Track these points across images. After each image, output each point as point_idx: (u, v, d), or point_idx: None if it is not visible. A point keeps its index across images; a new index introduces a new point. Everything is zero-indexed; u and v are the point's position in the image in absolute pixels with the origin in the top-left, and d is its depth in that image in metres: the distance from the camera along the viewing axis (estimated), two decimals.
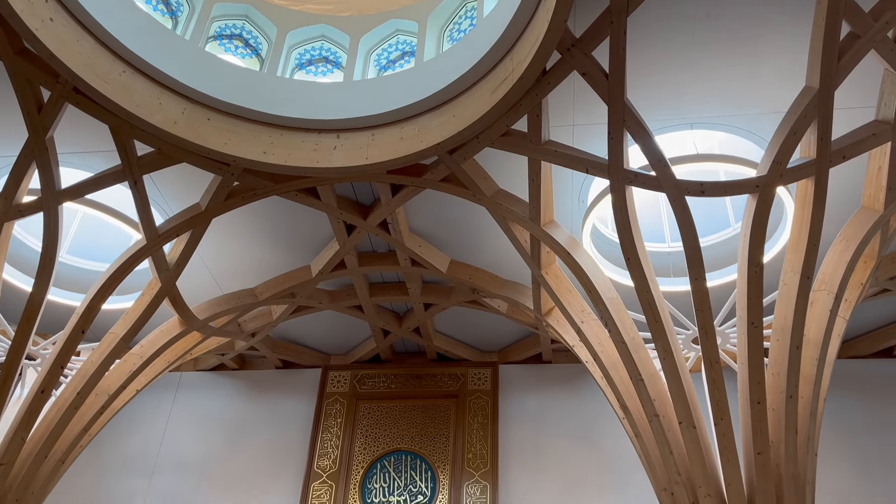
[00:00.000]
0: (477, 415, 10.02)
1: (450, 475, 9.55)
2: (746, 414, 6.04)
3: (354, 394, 10.39)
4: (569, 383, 10.27)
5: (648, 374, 6.55)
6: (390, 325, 9.82)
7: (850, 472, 9.06)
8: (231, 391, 10.74)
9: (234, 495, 9.76)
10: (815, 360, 6.25)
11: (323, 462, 9.78)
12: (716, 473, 6.08)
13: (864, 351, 9.77)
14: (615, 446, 9.52)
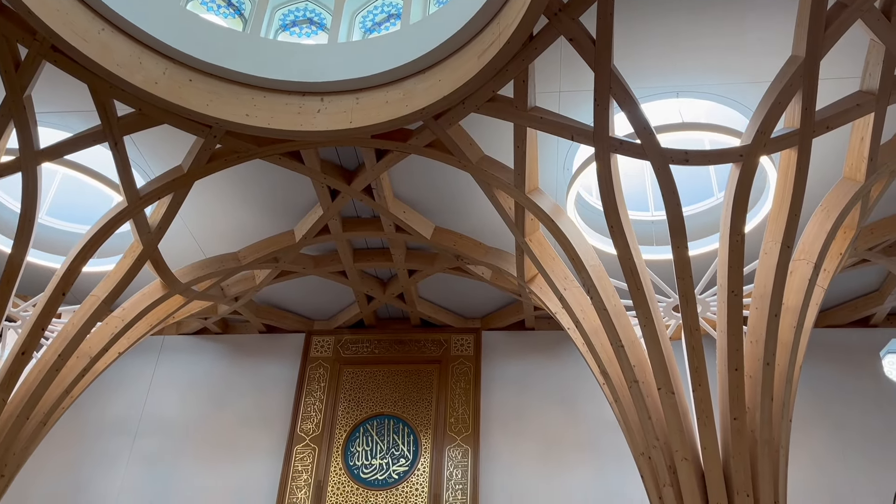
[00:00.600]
0: (459, 380, 10.12)
1: (432, 439, 9.66)
2: (724, 380, 6.13)
3: (338, 359, 10.44)
4: (550, 350, 10.37)
5: (629, 341, 6.62)
6: (374, 290, 9.84)
7: (822, 436, 9.28)
8: (214, 355, 10.75)
9: (218, 458, 9.83)
10: (793, 328, 6.35)
11: (306, 426, 9.86)
12: (692, 438, 6.19)
13: (842, 320, 9.94)
14: (595, 411, 9.67)
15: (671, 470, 6.15)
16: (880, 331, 9.98)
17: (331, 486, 9.41)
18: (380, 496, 9.31)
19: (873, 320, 9.96)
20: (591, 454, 9.43)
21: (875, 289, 9.65)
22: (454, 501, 9.15)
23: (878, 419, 9.37)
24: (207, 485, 9.62)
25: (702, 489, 5.96)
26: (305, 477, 9.46)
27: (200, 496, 9.54)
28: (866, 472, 9.01)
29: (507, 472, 9.44)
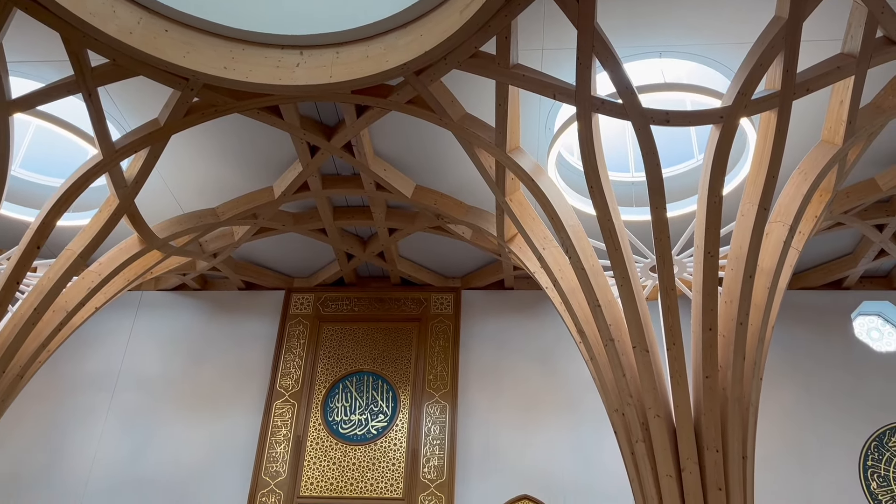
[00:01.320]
0: (439, 338, 10.20)
1: (410, 395, 9.77)
2: (698, 340, 6.24)
3: (318, 316, 10.46)
4: (529, 309, 10.47)
5: (606, 301, 6.69)
6: (354, 249, 9.83)
7: (792, 395, 9.51)
8: (193, 311, 10.73)
9: (198, 413, 9.89)
10: (767, 289, 6.45)
11: (285, 382, 9.92)
12: (665, 396, 6.31)
13: (815, 282, 10.10)
14: (571, 370, 9.82)
15: (644, 426, 6.28)
16: (852, 293, 10.17)
17: (310, 441, 9.51)
18: (359, 451, 9.43)
19: (846, 283, 10.13)
20: (567, 411, 9.60)
21: (848, 252, 9.80)
22: (432, 456, 9.30)
23: (846, 379, 9.60)
24: (187, 439, 9.69)
25: (673, 445, 6.10)
26: (285, 432, 9.55)
27: (180, 450, 9.62)
28: (833, 430, 9.26)
29: (484, 428, 9.60)
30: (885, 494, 8.87)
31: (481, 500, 9.10)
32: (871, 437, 9.20)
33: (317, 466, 9.34)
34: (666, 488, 5.98)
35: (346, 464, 9.35)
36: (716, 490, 5.86)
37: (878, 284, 10.20)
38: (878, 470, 9.01)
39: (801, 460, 9.09)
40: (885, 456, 9.09)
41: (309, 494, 9.15)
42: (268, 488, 9.16)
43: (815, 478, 8.97)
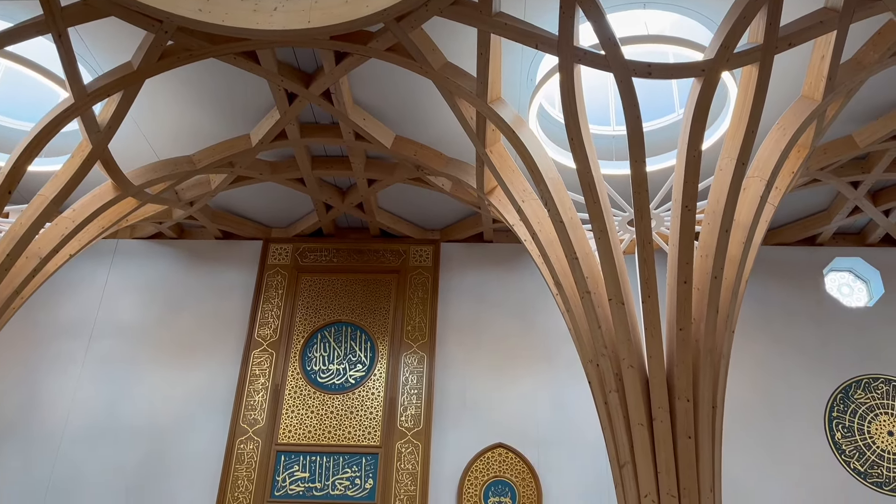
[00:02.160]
0: (417, 290, 10.24)
1: (389, 346, 9.85)
2: (673, 292, 6.32)
3: (296, 266, 10.44)
4: (508, 262, 10.52)
5: (583, 253, 6.73)
6: (333, 199, 9.76)
7: (762, 347, 9.73)
8: (170, 260, 10.65)
9: (175, 361, 9.90)
10: (742, 243, 6.52)
11: (264, 331, 9.94)
12: (639, 347, 6.42)
13: (789, 238, 10.24)
14: (548, 322, 9.93)
15: (618, 377, 6.40)
16: (826, 249, 10.33)
17: (288, 390, 9.59)
18: (336, 399, 9.53)
19: (819, 239, 10.28)
20: (543, 363, 9.75)
21: (823, 209, 9.92)
22: (409, 405, 9.42)
23: (816, 333, 9.82)
24: (165, 387, 9.72)
25: (645, 395, 6.23)
26: (263, 381, 9.61)
27: (158, 398, 9.65)
28: (801, 382, 9.51)
29: (461, 379, 9.73)
30: (849, 444, 9.16)
31: (457, 448, 9.28)
32: (838, 389, 9.47)
33: (295, 415, 9.44)
34: (637, 437, 6.12)
35: (325, 412, 9.45)
36: (686, 438, 6.02)
37: (850, 241, 10.37)
38: (843, 421, 9.29)
39: (770, 410, 9.35)
40: (850, 408, 9.37)
41: (287, 442, 9.26)
42: (246, 435, 9.25)
43: (782, 427, 9.25)
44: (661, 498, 5.83)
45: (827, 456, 9.10)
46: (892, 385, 9.48)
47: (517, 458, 9.18)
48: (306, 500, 8.92)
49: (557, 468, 9.09)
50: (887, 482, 8.94)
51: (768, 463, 9.06)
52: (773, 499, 8.86)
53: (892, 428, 9.25)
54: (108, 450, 9.33)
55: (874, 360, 9.61)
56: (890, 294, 10.01)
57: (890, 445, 9.15)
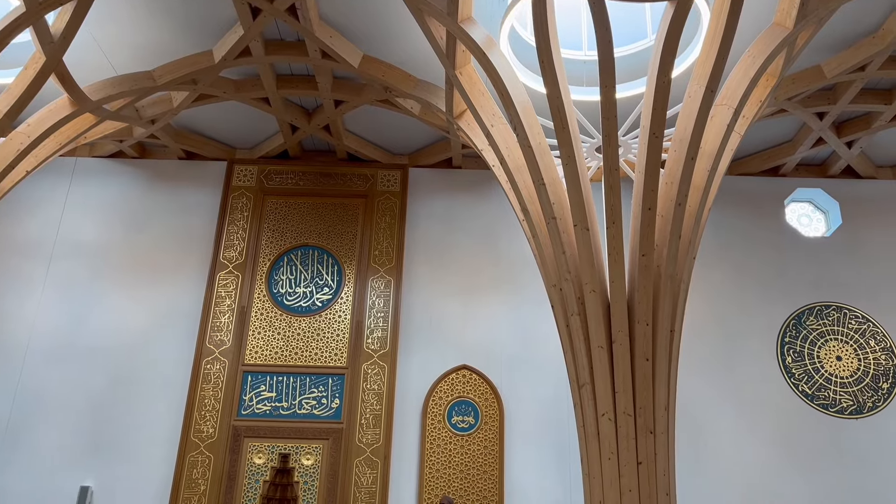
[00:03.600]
0: (385, 215, 10.21)
1: (356, 270, 9.88)
2: (637, 219, 6.39)
3: (261, 189, 10.31)
4: (476, 189, 10.51)
5: (550, 179, 6.74)
6: (299, 120, 9.57)
7: (721, 274, 9.98)
8: (131, 180, 10.43)
9: (139, 282, 9.82)
10: (707, 171, 6.58)
11: (229, 253, 9.88)
12: (602, 272, 6.52)
13: (753, 169, 10.37)
14: (513, 248, 10.03)
15: (580, 301, 6.51)
16: (788, 180, 10.50)
17: (254, 312, 9.61)
18: (303, 322, 9.59)
19: (783, 170, 10.42)
20: (507, 287, 9.89)
21: (787, 140, 10.02)
22: (376, 328, 9.53)
23: (773, 262, 10.08)
24: (129, 307, 9.68)
25: (606, 318, 6.37)
26: (229, 302, 9.61)
27: (122, 318, 9.62)
28: (757, 308, 9.81)
29: (427, 303, 9.84)
30: (799, 368, 9.54)
31: (422, 369, 9.47)
32: (791, 316, 9.79)
33: (261, 336, 9.50)
34: (597, 358, 6.29)
35: (291, 334, 9.52)
36: (643, 360, 6.20)
37: (812, 172, 10.54)
38: (794, 346, 9.65)
39: (725, 335, 9.67)
40: (802, 333, 9.71)
41: (254, 362, 9.35)
42: (212, 356, 9.31)
43: (736, 351, 9.59)
44: (617, 416, 6.05)
45: (777, 379, 9.48)
46: (843, 312, 9.83)
47: (481, 380, 9.41)
48: (273, 419, 9.08)
49: (519, 389, 9.36)
50: (833, 404, 9.38)
51: (721, 385, 9.42)
52: (725, 418, 9.26)
53: (840, 353, 9.64)
54: (72, 370, 9.33)
55: (828, 289, 9.93)
56: (847, 225, 10.27)
57: (837, 370, 9.56)
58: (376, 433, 9.01)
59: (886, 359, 9.59)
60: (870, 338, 9.70)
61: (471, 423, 9.20)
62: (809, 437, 9.20)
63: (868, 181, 10.48)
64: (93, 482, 8.80)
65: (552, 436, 9.14)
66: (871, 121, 9.27)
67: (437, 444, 9.11)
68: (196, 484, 8.71)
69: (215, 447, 8.88)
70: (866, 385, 9.47)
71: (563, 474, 8.94)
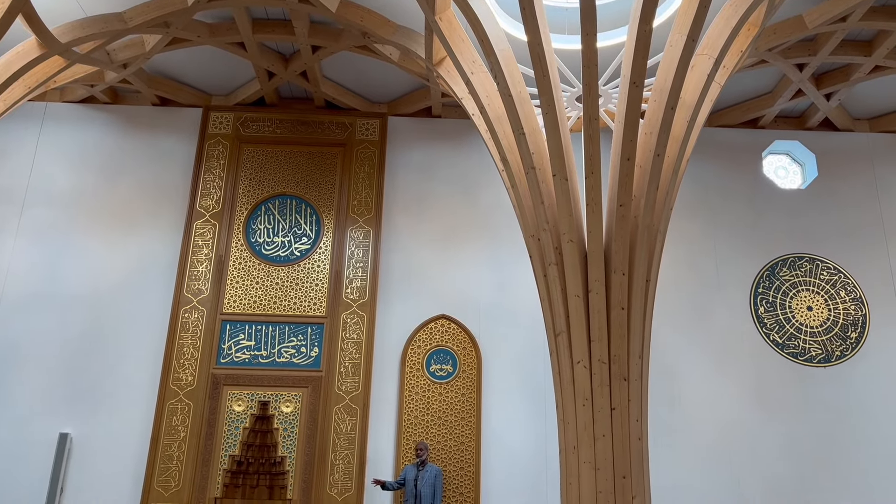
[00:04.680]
0: (363, 164, 10.13)
1: (334, 220, 9.83)
2: (615, 169, 6.39)
3: (238, 137, 10.15)
4: (456, 138, 10.44)
5: (530, 129, 6.70)
6: (275, 66, 9.38)
7: (697, 226, 10.08)
8: (104, 126, 10.21)
9: (114, 231, 9.71)
10: (687, 122, 6.58)
11: (206, 202, 9.77)
12: (580, 222, 6.55)
13: (732, 121, 10.38)
14: (492, 198, 10.02)
15: (557, 251, 6.55)
16: (766, 132, 10.54)
17: (232, 262, 9.57)
18: (282, 271, 9.57)
19: (761, 122, 10.45)
20: (486, 238, 9.92)
21: (767, 91, 10.02)
22: (355, 278, 9.55)
23: (749, 214, 10.18)
24: (105, 256, 9.58)
25: (583, 268, 6.42)
26: (206, 251, 9.55)
27: (98, 267, 9.53)
28: (732, 260, 9.95)
29: (406, 253, 9.86)
30: (771, 318, 9.74)
31: (401, 319, 9.54)
32: (765, 267, 9.95)
33: (240, 285, 9.48)
34: (573, 307, 6.36)
35: (270, 283, 9.51)
36: (619, 309, 6.28)
37: (791, 124, 10.58)
38: (767, 297, 9.82)
39: (700, 285, 9.81)
40: (775, 284, 9.88)
41: (232, 311, 9.35)
42: (190, 305, 9.28)
43: (710, 301, 9.75)
44: (592, 364, 6.15)
45: (749, 329, 9.68)
46: (815, 263, 10.00)
47: (459, 329, 9.50)
48: (252, 367, 9.13)
49: (497, 338, 9.47)
50: (802, 353, 9.61)
51: (694, 334, 9.60)
52: (697, 366, 9.46)
53: (811, 303, 9.84)
54: (48, 318, 9.27)
55: (802, 240, 10.08)
56: (823, 177, 10.36)
57: (808, 319, 9.77)
58: (355, 381, 9.10)
59: (856, 309, 9.81)
60: (840, 288, 9.90)
61: (449, 371, 9.32)
62: (779, 384, 9.44)
63: (845, 133, 10.55)
64: (72, 429, 8.83)
65: (528, 383, 9.30)
66: (850, 72, 9.28)
67: (416, 391, 9.23)
68: (176, 430, 8.78)
69: (194, 395, 8.93)
70: (835, 335, 9.70)
71: (538, 420, 9.13)
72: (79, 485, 8.66)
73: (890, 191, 10.33)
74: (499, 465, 8.96)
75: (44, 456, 8.66)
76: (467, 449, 8.98)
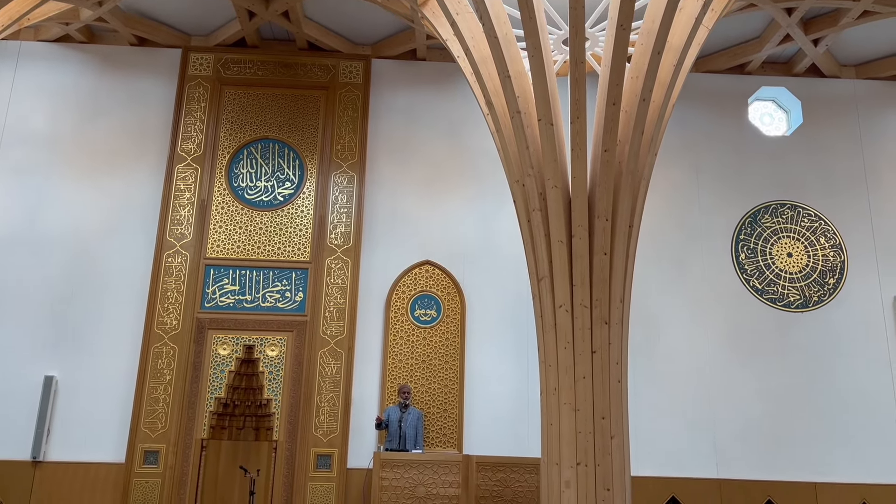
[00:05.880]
0: (347, 108, 9.99)
1: (318, 164, 9.75)
2: (601, 114, 6.35)
3: (219, 78, 9.95)
4: (441, 82, 10.31)
5: (516, 72, 6.62)
6: (255, 5, 9.16)
7: (681, 173, 10.12)
8: (81, 66, 9.97)
9: (94, 173, 9.59)
10: (673, 66, 6.51)
11: (187, 145, 9.64)
12: (565, 167, 6.53)
13: (719, 66, 10.31)
14: (477, 143, 9.96)
15: (541, 196, 6.54)
16: (753, 78, 10.48)
17: (215, 206, 9.50)
18: (265, 216, 9.53)
19: (748, 68, 10.38)
20: (471, 183, 9.90)
21: (755, 36, 9.93)
22: (339, 223, 9.52)
23: (733, 161, 10.21)
24: (85, 199, 9.48)
25: (567, 214, 6.42)
26: (188, 196, 9.46)
27: (78, 210, 9.44)
28: (715, 206, 10.01)
29: (391, 198, 9.83)
30: (751, 265, 9.86)
31: (386, 264, 9.57)
32: (747, 214, 10.02)
33: (223, 230, 9.43)
34: (556, 253, 6.39)
35: (253, 228, 9.47)
36: (601, 254, 6.32)
37: (778, 70, 10.52)
38: (749, 243, 9.93)
39: (682, 231, 9.89)
40: (757, 231, 9.97)
41: (216, 256, 9.32)
42: (173, 249, 9.24)
43: (692, 247, 9.85)
44: (574, 308, 6.22)
45: (730, 275, 9.80)
46: (797, 210, 10.08)
47: (443, 274, 9.56)
48: (237, 312, 9.16)
49: (481, 283, 9.54)
50: (781, 298, 9.76)
51: (676, 279, 9.72)
52: (677, 311, 9.61)
53: (791, 250, 9.96)
54: (28, 262, 9.20)
55: (785, 188, 10.14)
56: (808, 124, 10.37)
57: (787, 266, 9.90)
58: (340, 326, 9.17)
59: (835, 255, 9.94)
60: (820, 235, 10.01)
61: (433, 316, 9.41)
62: (757, 329, 9.61)
63: (831, 80, 10.52)
64: (57, 372, 8.87)
65: (511, 328, 9.41)
66: (839, 17, 9.20)
67: (401, 336, 9.33)
68: (161, 373, 8.84)
69: (179, 338, 8.96)
70: (813, 280, 9.85)
71: (520, 363, 9.28)
72: (66, 427, 8.74)
73: (873, 138, 10.36)
74: (482, 408, 9.13)
75: (30, 399, 8.71)
76: (451, 392, 9.13)
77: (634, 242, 6.61)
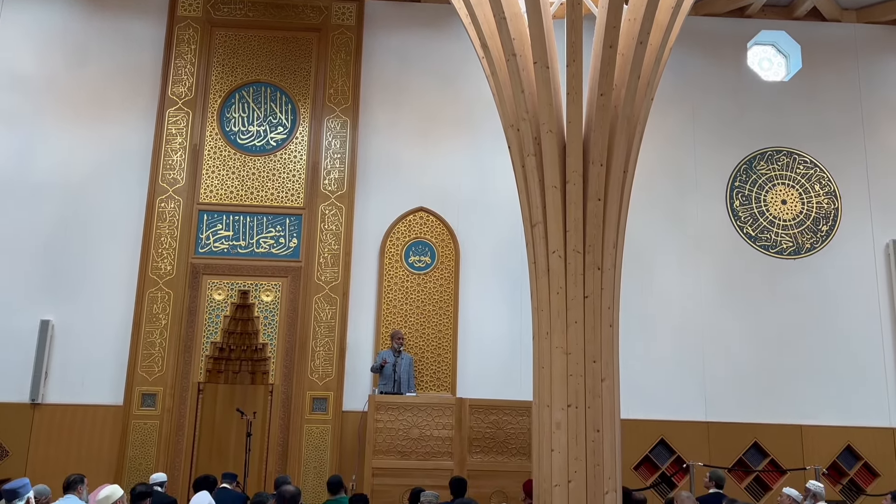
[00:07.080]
0: (340, 51, 9.82)
1: (311, 109, 9.63)
2: (597, 57, 6.25)
3: (209, 20, 9.74)
4: (435, 25, 10.12)
5: (512, 13, 6.48)
6: None
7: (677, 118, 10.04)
8: (68, 7, 9.73)
9: (84, 117, 9.46)
10: (671, 8, 6.39)
11: (178, 89, 9.49)
12: (560, 112, 6.45)
13: (719, 9, 10.13)
14: (472, 88, 9.82)
15: (536, 141, 6.48)
16: (753, 21, 10.31)
17: (207, 151, 9.41)
18: (258, 161, 9.45)
19: (749, 11, 10.20)
20: (465, 128, 9.81)
21: None
22: (332, 169, 9.46)
23: (730, 108, 10.12)
24: (76, 143, 9.39)
25: (561, 159, 6.38)
26: (180, 140, 9.36)
27: (70, 154, 9.35)
28: (710, 153, 9.97)
29: (385, 144, 9.75)
30: (745, 211, 9.87)
31: (380, 211, 9.55)
32: (743, 160, 9.99)
33: (216, 175, 9.36)
34: (550, 199, 6.36)
35: (246, 173, 9.40)
36: (595, 200, 6.30)
37: (778, 13, 10.35)
38: (743, 190, 9.92)
39: (677, 179, 9.87)
40: (752, 178, 9.96)
41: (209, 201, 9.27)
42: (166, 195, 9.19)
43: (686, 194, 9.84)
44: (567, 253, 6.23)
45: (724, 221, 9.82)
46: (793, 157, 10.05)
47: (437, 221, 9.55)
48: (231, 257, 9.17)
49: (474, 229, 9.55)
50: (773, 245, 9.81)
51: (669, 225, 9.74)
52: (670, 257, 9.66)
53: (785, 197, 9.96)
54: (19, 208, 9.16)
55: (781, 134, 10.08)
56: (806, 69, 10.25)
57: (781, 213, 9.91)
58: (335, 272, 9.19)
59: (828, 202, 9.95)
60: (815, 182, 10.00)
61: (427, 262, 9.44)
62: (749, 275, 9.68)
63: (832, 24, 10.36)
64: (53, 316, 8.91)
65: (505, 274, 9.46)
66: None
67: (395, 282, 9.37)
68: (157, 318, 8.89)
69: (174, 283, 8.99)
70: (807, 227, 9.88)
71: (514, 308, 9.35)
72: (63, 371, 8.83)
73: (871, 84, 10.26)
74: (475, 352, 9.24)
75: (27, 343, 8.77)
76: (445, 337, 9.22)
77: (629, 188, 6.58)
